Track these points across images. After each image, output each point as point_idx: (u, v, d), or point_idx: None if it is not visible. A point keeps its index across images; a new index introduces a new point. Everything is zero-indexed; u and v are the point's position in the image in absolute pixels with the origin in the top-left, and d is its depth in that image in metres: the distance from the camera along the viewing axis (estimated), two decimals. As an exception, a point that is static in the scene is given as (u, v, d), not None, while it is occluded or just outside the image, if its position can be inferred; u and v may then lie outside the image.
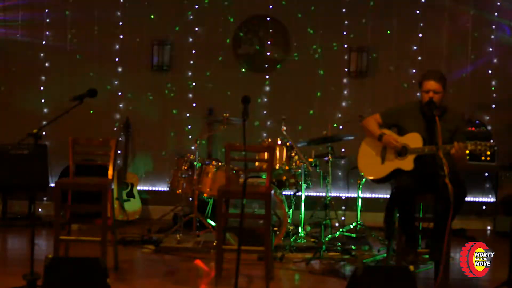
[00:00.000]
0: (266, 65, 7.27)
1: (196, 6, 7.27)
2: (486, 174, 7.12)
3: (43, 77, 7.36)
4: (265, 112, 7.25)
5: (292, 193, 6.32)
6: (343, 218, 7.12)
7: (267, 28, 7.24)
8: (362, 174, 5.12)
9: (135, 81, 7.31)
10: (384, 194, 7.02)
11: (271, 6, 7.23)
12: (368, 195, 7.13)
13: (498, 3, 7.13)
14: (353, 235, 6.27)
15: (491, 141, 6.56)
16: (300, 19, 7.23)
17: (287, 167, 5.99)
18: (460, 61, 7.16)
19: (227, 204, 4.91)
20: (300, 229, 5.97)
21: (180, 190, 6.16)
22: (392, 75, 7.20)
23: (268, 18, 7.23)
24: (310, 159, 6.12)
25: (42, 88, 7.35)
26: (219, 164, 6.14)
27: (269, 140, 6.10)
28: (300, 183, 6.05)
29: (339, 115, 7.18)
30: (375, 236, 6.14)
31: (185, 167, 6.14)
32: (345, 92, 7.27)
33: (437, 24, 7.18)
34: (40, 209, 7.27)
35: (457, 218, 4.62)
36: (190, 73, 7.29)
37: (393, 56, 7.21)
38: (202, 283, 4.99)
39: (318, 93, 7.24)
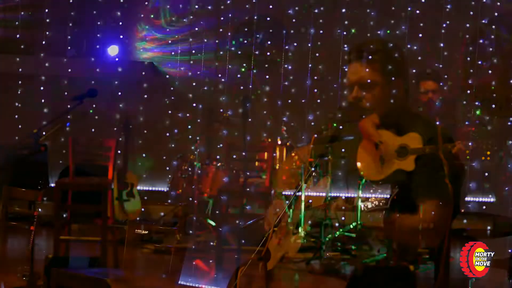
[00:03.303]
0: (266, 65, 7.27)
1: (196, 6, 7.26)
2: (486, 174, 7.11)
3: (43, 77, 7.36)
4: (265, 112, 7.24)
5: (292, 193, 6.31)
6: (343, 218, 7.10)
7: (267, 28, 7.23)
8: (363, 176, 5.10)
9: (135, 81, 7.30)
10: (384, 194, 6.99)
11: (271, 6, 7.23)
12: (368, 195, 7.11)
13: (498, 3, 7.13)
14: (353, 235, 6.26)
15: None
16: (300, 19, 7.22)
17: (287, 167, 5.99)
18: (460, 61, 7.15)
19: (227, 204, 4.91)
20: (300, 229, 5.96)
21: (180, 190, 6.16)
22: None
23: (268, 18, 7.23)
24: (310, 159, 6.11)
25: (42, 88, 7.35)
26: (219, 164, 6.14)
27: (269, 140, 6.11)
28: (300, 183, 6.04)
29: (339, 115, 7.16)
30: (375, 236, 6.13)
31: (185, 167, 6.13)
32: (345, 92, 7.26)
33: (437, 24, 7.17)
34: (40, 209, 7.25)
35: (457, 218, 4.61)
36: (190, 73, 7.28)
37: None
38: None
39: (318, 93, 7.23)
